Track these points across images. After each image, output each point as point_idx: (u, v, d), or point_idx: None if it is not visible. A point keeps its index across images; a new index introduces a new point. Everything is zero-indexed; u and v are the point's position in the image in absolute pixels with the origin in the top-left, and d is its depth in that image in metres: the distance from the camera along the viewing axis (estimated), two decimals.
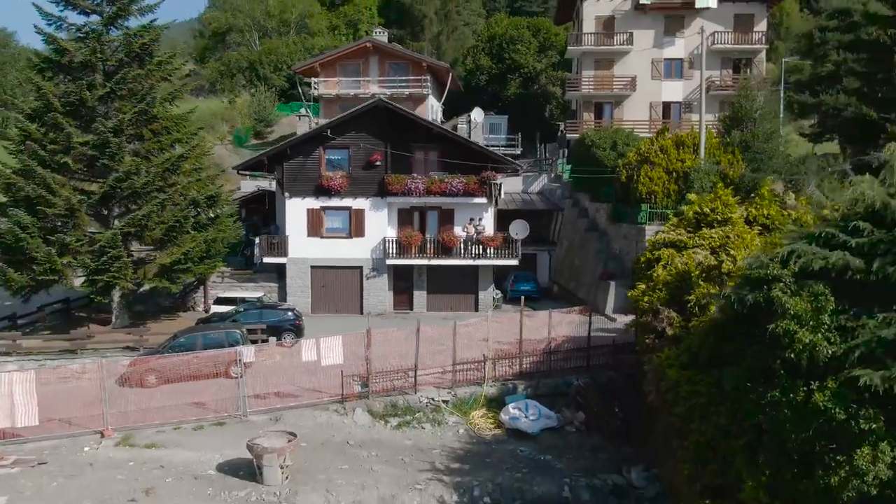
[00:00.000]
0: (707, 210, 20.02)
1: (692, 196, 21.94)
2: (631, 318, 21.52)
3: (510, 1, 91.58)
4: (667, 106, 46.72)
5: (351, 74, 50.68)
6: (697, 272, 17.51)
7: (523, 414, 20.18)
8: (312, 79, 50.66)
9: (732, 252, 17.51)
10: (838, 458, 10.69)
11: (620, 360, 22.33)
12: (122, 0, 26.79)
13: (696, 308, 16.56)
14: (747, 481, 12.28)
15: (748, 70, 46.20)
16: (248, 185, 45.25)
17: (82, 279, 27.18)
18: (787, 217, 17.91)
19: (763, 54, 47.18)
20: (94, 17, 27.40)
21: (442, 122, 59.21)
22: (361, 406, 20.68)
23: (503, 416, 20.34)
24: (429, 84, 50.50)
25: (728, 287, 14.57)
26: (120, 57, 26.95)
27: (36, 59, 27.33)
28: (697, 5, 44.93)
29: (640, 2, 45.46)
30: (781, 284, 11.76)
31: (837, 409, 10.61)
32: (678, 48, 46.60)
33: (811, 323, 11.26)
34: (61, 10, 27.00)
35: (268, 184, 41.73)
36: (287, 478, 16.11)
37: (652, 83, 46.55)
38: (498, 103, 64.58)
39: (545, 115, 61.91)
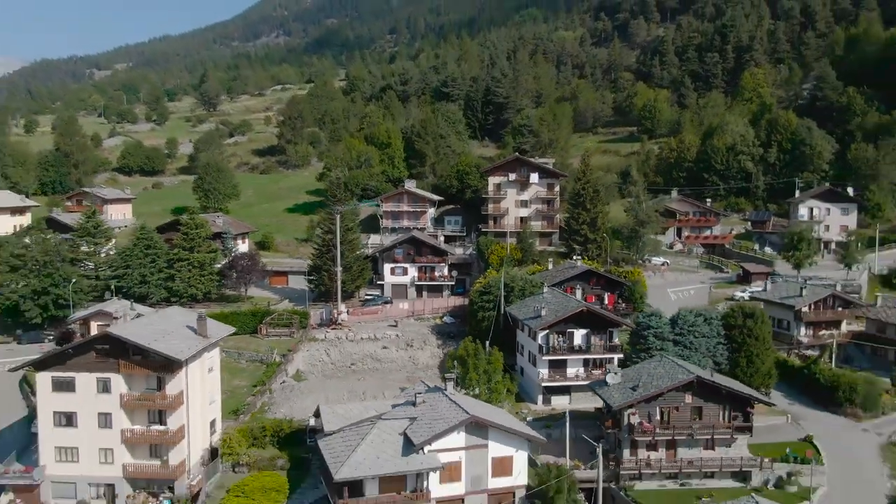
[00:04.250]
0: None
1: (491, 271, 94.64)
2: None
3: (482, 132, 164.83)
4: (522, 219, 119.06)
5: (396, 201, 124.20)
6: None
7: (448, 318, 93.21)
8: (381, 203, 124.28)
9: None
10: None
11: None
12: (339, 209, 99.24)
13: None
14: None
15: (553, 205, 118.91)
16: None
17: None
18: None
19: (558, 198, 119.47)
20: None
21: (434, 214, 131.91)
22: (412, 318, 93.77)
23: (444, 319, 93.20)
24: (428, 204, 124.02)
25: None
26: (359, 226, 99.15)
27: (303, 233, 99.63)
28: (531, 182, 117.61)
29: (510, 179, 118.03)
30: (479, 289, 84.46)
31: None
32: (525, 195, 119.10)
33: (478, 296, 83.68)
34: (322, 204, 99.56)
35: (370, 252, 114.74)
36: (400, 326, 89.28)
37: (515, 209, 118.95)
38: (459, 203, 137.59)
39: (482, 210, 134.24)
